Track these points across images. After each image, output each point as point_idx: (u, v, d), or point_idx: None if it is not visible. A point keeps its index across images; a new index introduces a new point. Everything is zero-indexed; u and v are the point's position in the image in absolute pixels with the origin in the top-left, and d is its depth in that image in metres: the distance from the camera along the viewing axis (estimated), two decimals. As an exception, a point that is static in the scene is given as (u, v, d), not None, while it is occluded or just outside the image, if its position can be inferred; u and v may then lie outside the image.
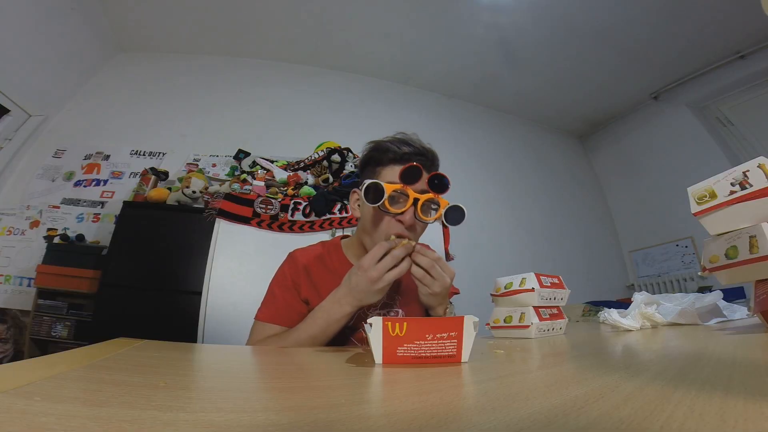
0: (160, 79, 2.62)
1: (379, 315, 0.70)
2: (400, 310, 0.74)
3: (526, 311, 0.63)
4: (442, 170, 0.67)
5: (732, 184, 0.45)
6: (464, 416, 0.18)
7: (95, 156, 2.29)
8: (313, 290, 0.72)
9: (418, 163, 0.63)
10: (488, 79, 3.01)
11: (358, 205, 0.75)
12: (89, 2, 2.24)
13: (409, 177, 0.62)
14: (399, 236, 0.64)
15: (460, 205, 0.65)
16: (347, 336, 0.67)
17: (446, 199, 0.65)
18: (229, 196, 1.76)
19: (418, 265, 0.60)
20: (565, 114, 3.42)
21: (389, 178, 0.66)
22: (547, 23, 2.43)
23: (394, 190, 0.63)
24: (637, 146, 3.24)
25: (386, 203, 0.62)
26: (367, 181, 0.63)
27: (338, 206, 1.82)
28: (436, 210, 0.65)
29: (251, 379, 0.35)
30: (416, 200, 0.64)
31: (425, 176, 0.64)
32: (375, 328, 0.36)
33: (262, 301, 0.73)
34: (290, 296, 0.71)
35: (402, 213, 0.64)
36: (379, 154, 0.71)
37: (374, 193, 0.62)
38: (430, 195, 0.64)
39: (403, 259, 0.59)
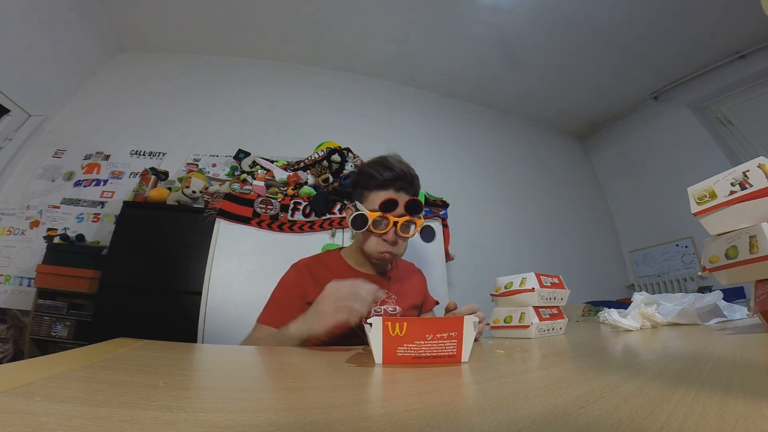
0: (160, 79, 2.61)
1: (376, 309, 0.78)
2: (398, 307, 0.81)
3: (526, 311, 0.63)
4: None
5: (732, 184, 0.45)
6: (464, 416, 0.18)
7: (95, 156, 2.29)
8: (318, 292, 0.74)
9: (398, 186, 0.78)
10: (488, 79, 3.00)
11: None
12: (89, 2, 2.24)
13: (387, 207, 0.76)
14: (387, 253, 0.78)
15: (431, 225, 0.81)
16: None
17: (421, 219, 0.80)
18: (229, 196, 1.75)
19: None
20: (565, 114, 3.42)
21: (375, 202, 0.77)
22: (547, 23, 2.43)
23: (376, 217, 0.76)
24: (637, 146, 3.24)
25: (371, 227, 0.76)
26: (354, 213, 0.76)
27: (338, 206, 1.82)
28: (415, 227, 0.79)
29: (251, 379, 0.35)
30: (395, 223, 0.77)
31: (403, 201, 0.77)
32: (375, 328, 0.36)
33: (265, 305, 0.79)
34: (290, 304, 0.76)
35: (385, 233, 0.77)
36: (364, 180, 0.82)
37: (360, 222, 0.75)
38: (407, 218, 0.77)
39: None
